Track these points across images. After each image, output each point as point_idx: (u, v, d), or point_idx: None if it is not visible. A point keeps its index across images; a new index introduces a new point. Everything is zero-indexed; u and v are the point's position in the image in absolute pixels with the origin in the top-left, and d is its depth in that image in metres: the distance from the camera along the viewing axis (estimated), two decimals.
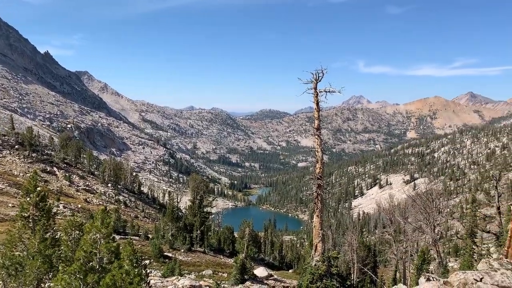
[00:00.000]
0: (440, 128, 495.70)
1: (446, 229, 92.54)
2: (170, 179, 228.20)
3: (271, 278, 36.80)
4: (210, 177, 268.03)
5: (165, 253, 43.92)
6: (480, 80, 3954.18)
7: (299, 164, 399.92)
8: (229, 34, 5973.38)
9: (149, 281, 23.53)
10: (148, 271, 27.39)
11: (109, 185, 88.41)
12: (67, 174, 78.18)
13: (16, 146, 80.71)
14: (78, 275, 13.91)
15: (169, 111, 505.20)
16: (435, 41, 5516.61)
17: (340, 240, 54.11)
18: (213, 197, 67.33)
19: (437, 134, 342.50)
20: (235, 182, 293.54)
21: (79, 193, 71.69)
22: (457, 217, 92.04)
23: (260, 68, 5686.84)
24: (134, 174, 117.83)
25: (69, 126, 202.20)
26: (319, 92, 21.55)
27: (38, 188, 19.44)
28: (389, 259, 55.88)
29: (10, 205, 47.91)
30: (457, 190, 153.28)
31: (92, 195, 74.09)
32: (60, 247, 18.70)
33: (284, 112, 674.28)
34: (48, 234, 18.68)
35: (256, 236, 62.42)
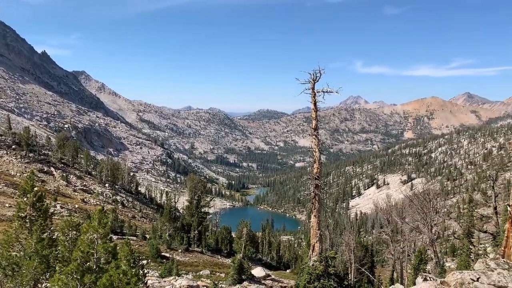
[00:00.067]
0: (437, 128, 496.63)
1: (443, 229, 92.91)
2: (168, 179, 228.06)
3: (269, 278, 36.79)
4: (208, 177, 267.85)
5: (163, 253, 43.85)
6: (477, 81, 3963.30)
7: (297, 164, 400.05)
8: (227, 34, 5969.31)
9: (147, 281, 23.48)
10: (146, 271, 27.32)
11: (107, 185, 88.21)
12: (64, 174, 77.94)
13: (13, 146, 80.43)
14: (75, 276, 13.88)
15: (167, 111, 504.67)
16: (433, 42, 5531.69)
17: (338, 240, 54.25)
18: (211, 197, 67.31)
19: (434, 134, 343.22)
20: (233, 182, 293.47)
21: (76, 193, 71.47)
22: (454, 217, 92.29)
23: (258, 68, 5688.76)
24: (132, 174, 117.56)
25: (67, 126, 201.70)
26: (317, 92, 21.58)
27: (35, 188, 19.40)
28: (387, 259, 56.07)
29: (7, 205, 47.72)
30: (454, 190, 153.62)
31: (90, 195, 73.87)
32: (57, 247, 18.66)
33: (282, 112, 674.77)
34: (45, 234, 18.64)
35: (254, 236, 62.40)
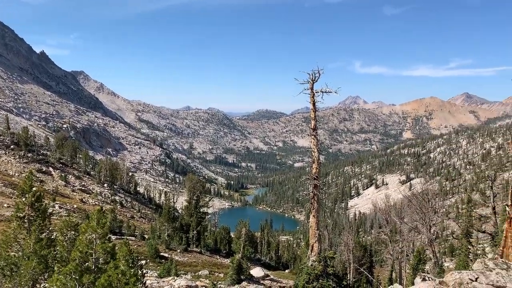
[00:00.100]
0: (436, 129, 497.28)
1: (442, 229, 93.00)
2: (167, 179, 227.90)
3: (268, 278, 36.81)
4: (207, 177, 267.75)
5: (161, 254, 43.83)
6: (476, 81, 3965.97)
7: (296, 164, 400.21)
8: (226, 34, 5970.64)
9: (145, 282, 23.46)
10: (144, 272, 27.30)
11: (105, 185, 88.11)
12: (63, 174, 77.83)
13: (12, 146, 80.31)
14: (74, 276, 13.87)
15: (166, 111, 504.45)
16: (432, 42, 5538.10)
17: (336, 240, 54.27)
18: (210, 197, 67.19)
19: (433, 135, 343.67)
20: (232, 182, 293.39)
21: (75, 193, 71.38)
22: (453, 217, 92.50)
23: (257, 68, 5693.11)
24: (130, 174, 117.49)
25: (65, 126, 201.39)
26: (316, 93, 21.59)
27: (34, 188, 19.38)
28: (385, 259, 56.09)
29: (6, 205, 47.63)
30: (453, 190, 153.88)
31: (88, 195, 73.79)
32: (56, 248, 18.65)
33: (281, 112, 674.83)
34: (44, 235, 18.62)
35: (253, 236, 62.37)
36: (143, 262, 36.45)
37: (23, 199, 19.16)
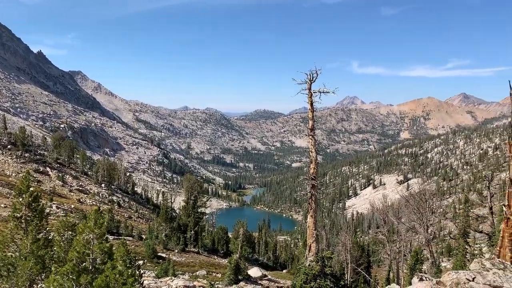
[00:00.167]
0: (433, 129, 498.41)
1: (439, 229, 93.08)
2: (164, 180, 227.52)
3: (265, 279, 36.81)
4: (204, 178, 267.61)
5: (159, 254, 43.78)
6: (473, 81, 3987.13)
7: (293, 165, 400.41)
8: (224, 35, 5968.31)
9: (143, 282, 23.44)
10: (142, 272, 27.29)
11: (103, 186, 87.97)
12: (60, 174, 77.70)
13: (9, 146, 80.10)
14: (71, 276, 13.83)
15: (163, 111, 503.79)
16: (429, 42, 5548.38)
17: (334, 240, 54.29)
18: (207, 198, 67.25)
19: (430, 135, 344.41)
20: (229, 183, 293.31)
21: (72, 194, 71.26)
22: (450, 217, 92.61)
23: (255, 69, 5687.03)
24: (128, 175, 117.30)
25: (62, 126, 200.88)
26: (313, 93, 21.60)
27: (31, 189, 19.31)
28: (383, 259, 56.11)
29: (3, 206, 47.49)
30: (450, 191, 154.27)
31: (86, 196, 73.67)
32: (53, 248, 18.59)
33: (279, 113, 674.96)
34: (41, 235, 18.55)
35: (250, 237, 62.40)
36: (141, 263, 36.45)
37: (20, 199, 19.09)
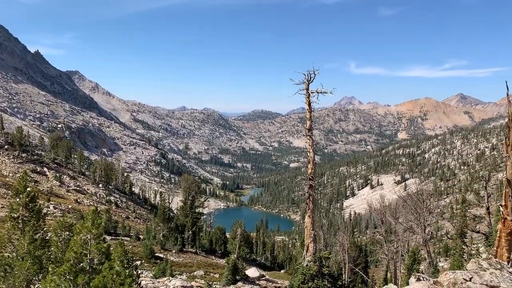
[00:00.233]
0: (431, 129, 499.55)
1: (437, 229, 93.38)
2: (162, 180, 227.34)
3: (263, 279, 36.80)
4: (202, 178, 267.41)
5: (157, 254, 43.71)
6: (471, 82, 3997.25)
7: (291, 165, 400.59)
8: (222, 35, 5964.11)
9: (140, 282, 23.42)
10: (139, 272, 27.24)
11: (100, 186, 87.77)
12: (58, 175, 77.43)
13: (6, 146, 79.78)
14: (68, 276, 13.79)
15: (161, 111, 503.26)
16: (427, 43, 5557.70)
17: (332, 241, 54.41)
18: (205, 198, 67.12)
19: (428, 135, 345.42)
20: (227, 183, 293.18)
21: (70, 194, 71.05)
22: (447, 218, 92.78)
23: (253, 69, 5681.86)
24: (125, 175, 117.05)
25: (60, 126, 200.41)
26: (311, 93, 21.60)
27: (28, 189, 19.25)
28: (380, 259, 56.25)
29: (0, 206, 47.37)
30: (448, 191, 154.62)
31: (83, 196, 73.47)
32: (50, 248, 18.54)
33: (276, 113, 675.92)
34: (38, 235, 18.51)
35: (248, 237, 62.41)
36: (138, 263, 36.38)
37: (17, 200, 19.04)
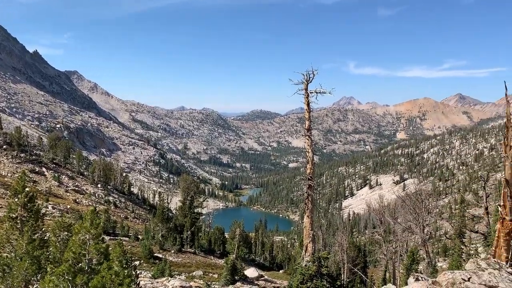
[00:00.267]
0: (430, 129, 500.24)
1: (435, 230, 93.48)
2: (161, 180, 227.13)
3: (262, 279, 36.81)
4: (201, 178, 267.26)
5: (155, 254, 43.66)
6: (469, 82, 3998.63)
7: (290, 165, 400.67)
8: (221, 35, 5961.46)
9: (139, 282, 23.38)
10: (138, 272, 27.22)
11: (99, 186, 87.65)
12: (56, 175, 77.31)
13: (4, 146, 79.66)
14: (67, 277, 13.78)
15: (160, 111, 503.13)
16: (425, 43, 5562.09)
17: (331, 241, 54.41)
18: (204, 198, 67.08)
19: (427, 135, 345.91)
20: (226, 183, 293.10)
21: (68, 194, 70.94)
22: (446, 218, 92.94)
23: (252, 69, 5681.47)
24: (124, 175, 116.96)
25: (58, 126, 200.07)
26: (310, 93, 21.62)
27: (27, 189, 19.23)
28: (379, 259, 56.29)
29: None
30: (446, 191, 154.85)
31: (82, 196, 73.37)
32: (49, 248, 18.52)
33: (275, 113, 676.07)
34: (37, 235, 18.49)
35: (247, 237, 62.38)
36: (137, 263, 36.34)
37: (16, 200, 19.01)
